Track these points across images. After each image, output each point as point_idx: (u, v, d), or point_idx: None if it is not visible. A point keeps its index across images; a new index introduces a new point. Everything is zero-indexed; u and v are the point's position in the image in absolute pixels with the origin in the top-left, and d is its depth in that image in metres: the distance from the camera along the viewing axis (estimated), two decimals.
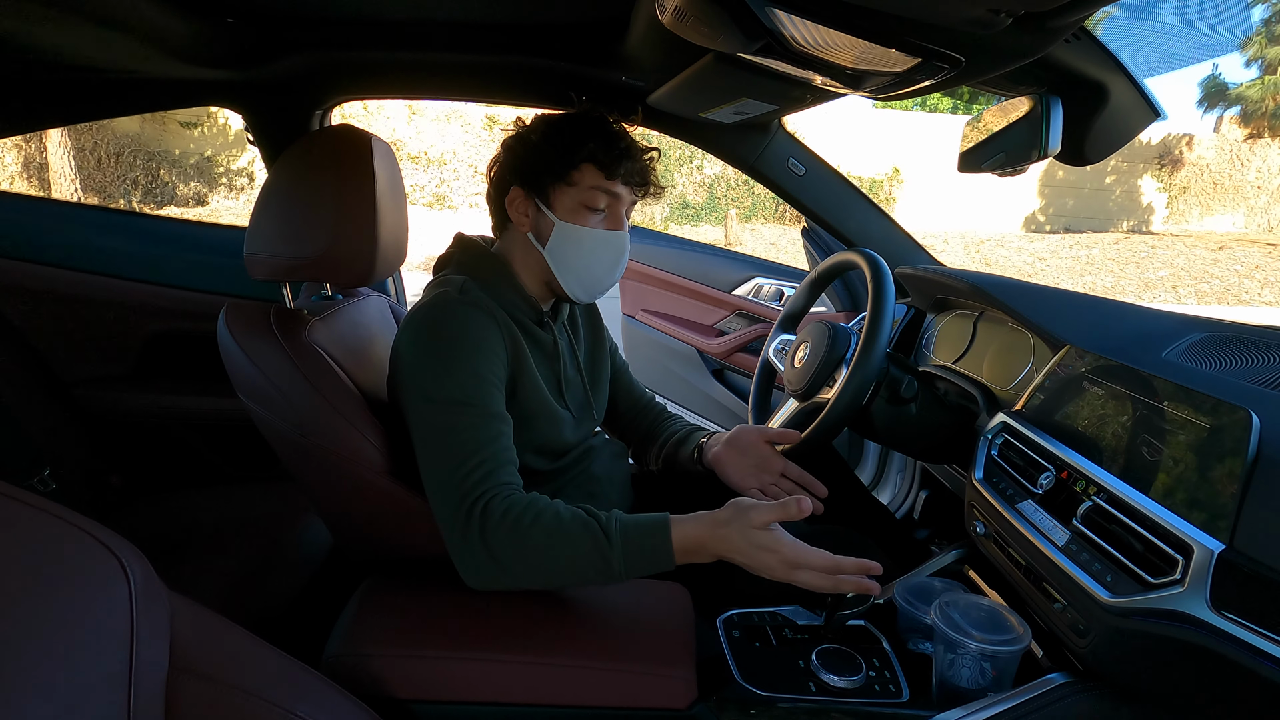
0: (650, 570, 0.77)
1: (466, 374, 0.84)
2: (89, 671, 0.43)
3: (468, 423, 0.82)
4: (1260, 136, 13.04)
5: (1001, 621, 0.78)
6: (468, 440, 0.81)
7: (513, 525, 0.76)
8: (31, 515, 0.46)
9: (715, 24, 0.71)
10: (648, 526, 0.77)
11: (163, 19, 1.00)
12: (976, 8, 0.57)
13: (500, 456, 0.82)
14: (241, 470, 1.57)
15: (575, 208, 0.93)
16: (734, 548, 0.76)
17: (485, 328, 0.88)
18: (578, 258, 0.95)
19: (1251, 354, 0.81)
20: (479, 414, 0.83)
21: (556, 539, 0.76)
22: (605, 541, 0.76)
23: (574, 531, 0.76)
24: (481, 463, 0.80)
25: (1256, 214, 12.92)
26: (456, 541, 0.78)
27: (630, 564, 0.76)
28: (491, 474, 0.80)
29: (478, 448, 0.81)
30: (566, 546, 0.76)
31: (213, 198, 10.02)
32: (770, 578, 0.76)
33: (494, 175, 0.99)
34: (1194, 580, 0.58)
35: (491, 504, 0.77)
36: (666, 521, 0.77)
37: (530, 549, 0.76)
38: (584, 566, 0.76)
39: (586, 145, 0.91)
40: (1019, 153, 0.97)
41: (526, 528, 0.76)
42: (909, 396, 1.03)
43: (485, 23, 1.18)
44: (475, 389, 0.84)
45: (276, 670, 0.58)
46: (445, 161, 10.39)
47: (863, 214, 1.52)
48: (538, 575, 0.78)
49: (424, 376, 0.84)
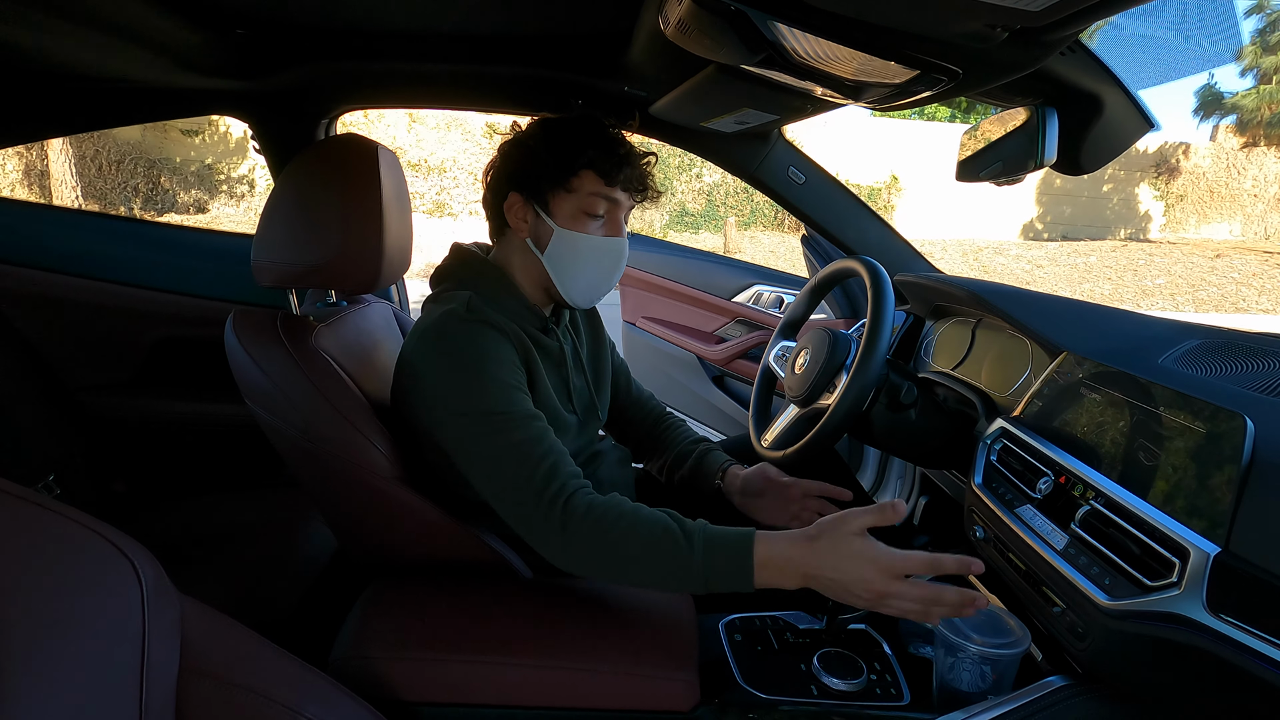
0: (730, 587, 0.74)
1: (493, 384, 0.84)
2: (101, 671, 0.44)
3: (512, 427, 0.83)
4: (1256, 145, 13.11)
5: (1001, 625, 0.79)
6: (520, 443, 0.82)
7: (596, 522, 0.77)
8: (45, 517, 0.46)
9: (718, 36, 0.72)
10: (733, 540, 0.75)
11: (172, 29, 1.02)
12: (974, 22, 0.58)
13: (557, 450, 0.83)
14: (246, 476, 1.57)
15: (574, 214, 0.94)
16: (826, 562, 0.71)
17: (498, 342, 0.88)
18: (577, 264, 0.95)
19: (1247, 360, 0.82)
20: (519, 419, 0.84)
21: (639, 542, 0.76)
22: (687, 549, 0.75)
23: (656, 535, 0.76)
24: (543, 459, 0.81)
25: (1253, 222, 12.98)
26: (542, 538, 0.79)
27: (710, 565, 0.74)
28: (557, 467, 0.81)
29: (533, 448, 0.82)
30: (649, 551, 0.76)
31: (213, 205, 10.04)
32: (859, 602, 0.71)
33: (491, 180, 0.99)
34: (1190, 583, 0.59)
35: (574, 499, 0.78)
36: (750, 538, 0.75)
37: (613, 548, 0.77)
38: (664, 572, 0.76)
39: (586, 152, 0.91)
40: (1016, 162, 0.98)
41: (609, 525, 0.77)
42: (909, 403, 1.04)
43: (490, 34, 1.19)
44: (506, 397, 0.84)
45: (285, 672, 0.59)
46: (445, 169, 10.42)
47: (862, 222, 1.53)
48: (620, 574, 0.79)
49: (451, 394, 0.84)
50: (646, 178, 0.97)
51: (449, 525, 0.89)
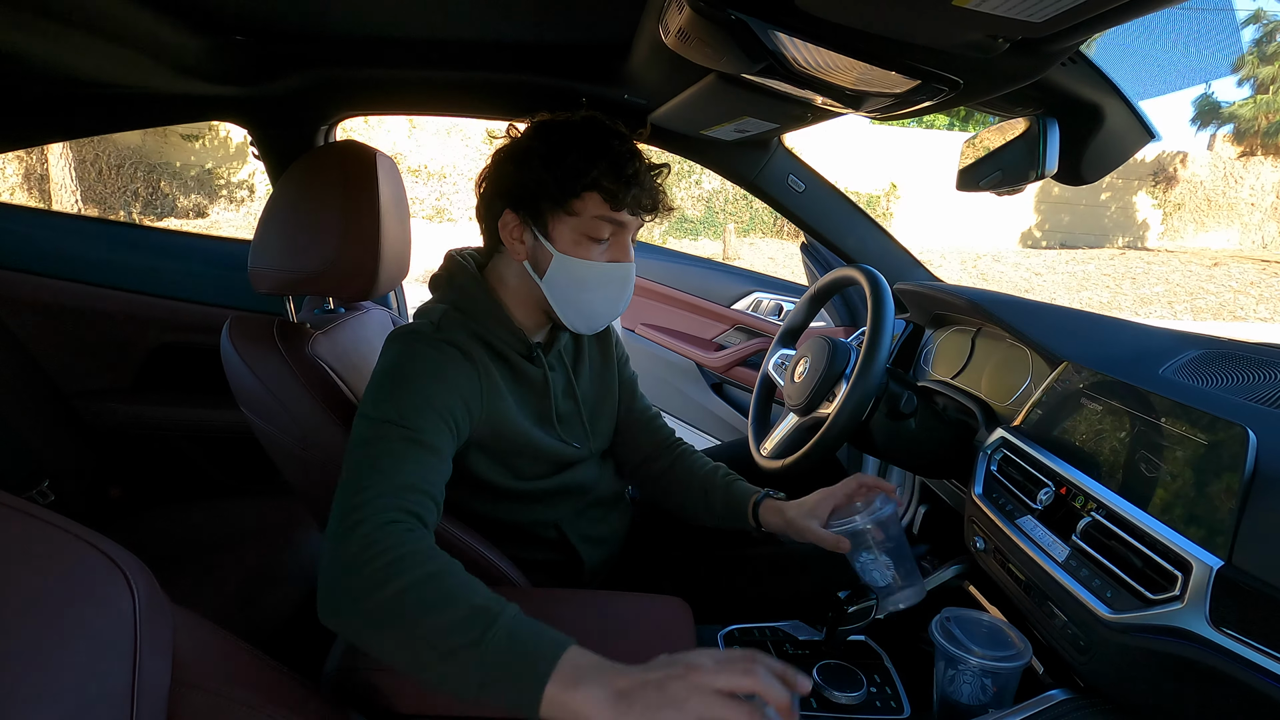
0: (512, 685, 0.57)
1: (414, 398, 0.76)
2: (93, 685, 0.43)
3: (389, 443, 0.73)
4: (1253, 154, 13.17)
5: (1002, 637, 0.78)
6: (381, 456, 0.71)
7: (384, 567, 0.62)
8: (37, 528, 0.46)
9: (718, 46, 0.72)
10: (544, 639, 0.60)
11: (173, 36, 1.02)
12: (976, 33, 0.58)
13: (410, 483, 0.71)
14: (241, 482, 1.57)
15: (577, 239, 0.85)
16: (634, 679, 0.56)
17: (453, 363, 0.82)
18: (579, 292, 0.87)
19: (1248, 371, 0.82)
20: (404, 436, 0.73)
21: (431, 604, 0.60)
22: (479, 635, 0.58)
23: (455, 601, 0.61)
24: (379, 483, 0.69)
25: (1250, 231, 13.02)
26: (324, 565, 0.65)
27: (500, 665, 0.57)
28: (382, 496, 0.68)
29: (384, 467, 0.70)
30: (437, 615, 0.60)
31: (213, 210, 10.05)
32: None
33: (484, 193, 0.90)
34: (1193, 596, 0.58)
35: (371, 535, 0.64)
36: (568, 641, 0.60)
37: (393, 600, 0.61)
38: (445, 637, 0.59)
39: (590, 173, 0.82)
40: (1016, 172, 0.98)
41: (396, 574, 0.62)
42: (908, 412, 1.04)
43: (490, 41, 1.19)
44: (415, 413, 0.75)
45: (278, 685, 0.58)
46: (445, 175, 10.45)
47: (861, 230, 1.53)
48: (387, 636, 0.61)
49: (371, 395, 0.78)
50: (658, 195, 0.88)
51: (443, 535, 0.89)
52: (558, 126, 0.87)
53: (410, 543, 0.65)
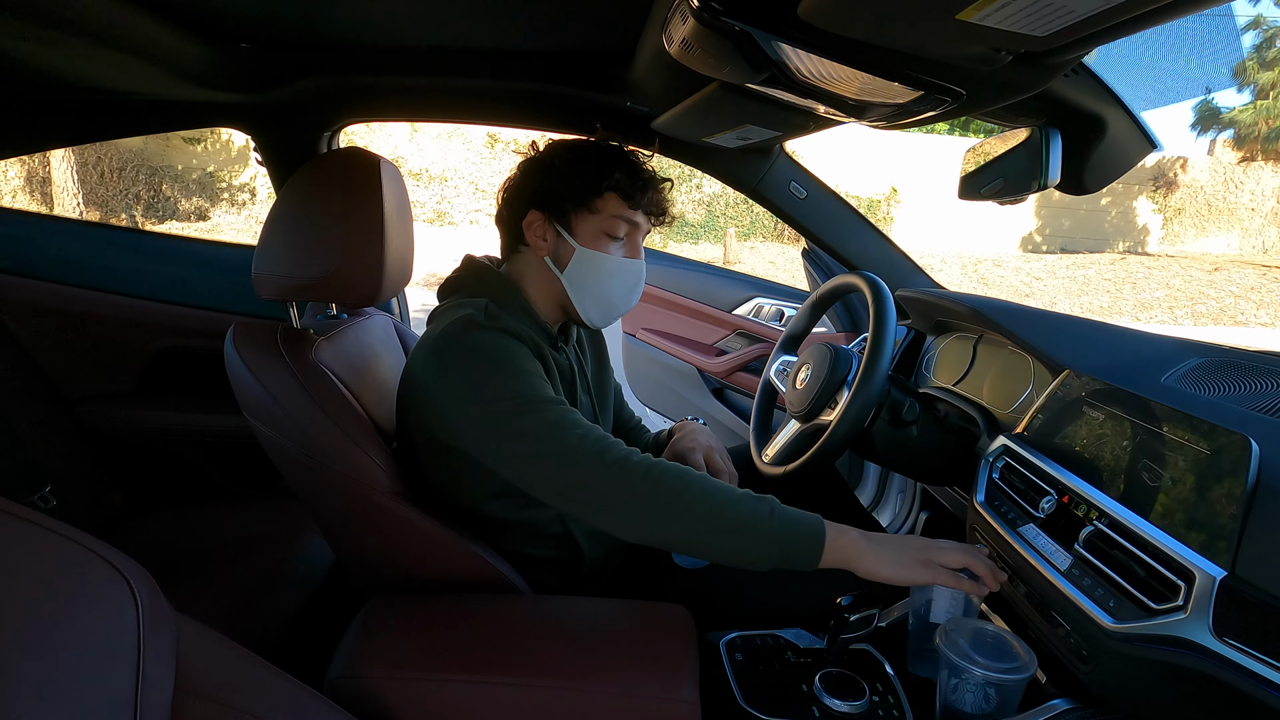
0: (803, 543, 0.79)
1: (521, 374, 0.84)
2: (96, 693, 0.43)
3: (543, 409, 0.82)
4: (1253, 159, 13.19)
5: (1007, 648, 0.78)
6: (559, 420, 0.81)
7: (676, 476, 0.78)
8: (40, 535, 0.46)
9: (722, 56, 0.72)
10: (801, 513, 0.81)
11: (178, 44, 1.02)
12: (979, 45, 0.58)
13: (596, 428, 0.83)
14: (243, 488, 1.57)
15: (597, 235, 0.94)
16: (878, 538, 0.81)
17: (517, 347, 0.88)
18: (597, 284, 0.96)
19: (1250, 380, 0.82)
20: (548, 401, 0.83)
21: (717, 495, 0.78)
22: (765, 503, 0.78)
23: (731, 491, 0.79)
24: (589, 430, 0.81)
25: (1251, 236, 13.03)
26: (616, 498, 0.78)
27: (787, 526, 0.78)
28: (607, 437, 0.81)
29: (574, 423, 0.81)
30: (729, 504, 0.78)
31: (215, 213, 10.08)
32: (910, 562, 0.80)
33: (508, 197, 0.99)
34: (1196, 606, 0.58)
35: (643, 459, 0.79)
36: (819, 518, 0.81)
37: (695, 500, 0.78)
38: (744, 525, 0.77)
39: (612, 175, 0.93)
40: (1019, 182, 0.98)
41: (687, 481, 0.78)
42: (910, 419, 1.04)
43: (493, 49, 1.20)
44: (532, 384, 0.84)
45: (281, 693, 0.58)
46: (446, 178, 10.47)
47: (863, 237, 1.53)
48: (698, 529, 0.78)
49: (476, 392, 0.83)
50: (666, 203, 0.99)
51: (447, 541, 0.89)
52: (579, 142, 0.98)
53: (659, 462, 0.81)
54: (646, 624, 0.87)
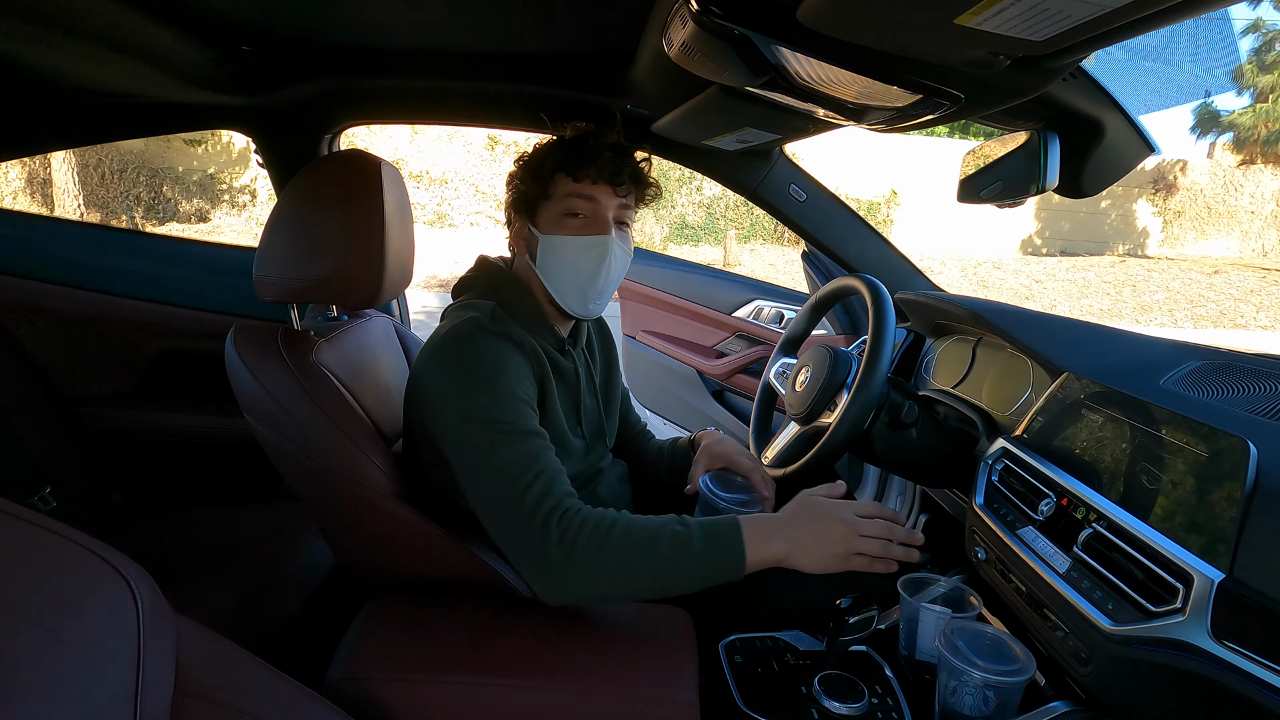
0: (727, 563, 0.78)
1: (503, 394, 0.85)
2: (96, 693, 0.43)
3: (511, 440, 0.82)
4: (1253, 162, 13.21)
5: (1006, 651, 0.78)
6: (519, 457, 0.81)
7: (592, 531, 0.77)
8: (41, 537, 0.46)
9: (721, 59, 0.73)
10: (722, 522, 0.81)
11: (180, 47, 1.02)
12: (977, 50, 0.59)
13: (554, 468, 0.83)
14: (243, 489, 1.57)
15: (556, 218, 0.95)
16: (801, 517, 0.81)
17: (514, 356, 0.89)
18: (561, 266, 0.96)
19: (1248, 383, 0.82)
20: (521, 433, 0.83)
21: (639, 541, 0.77)
22: (685, 535, 0.78)
23: (655, 529, 0.78)
24: (539, 476, 0.81)
25: (1250, 238, 13.04)
26: (533, 558, 0.78)
27: (710, 552, 0.77)
28: (552, 486, 0.81)
29: (530, 463, 0.81)
30: (649, 546, 0.77)
31: (215, 214, 10.08)
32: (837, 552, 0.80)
33: (506, 215, 1.03)
34: (1195, 609, 0.59)
35: (566, 515, 0.78)
36: (736, 520, 0.81)
37: (615, 553, 0.77)
38: (665, 565, 0.77)
39: (555, 154, 0.95)
40: (1017, 185, 0.98)
41: (606, 533, 0.77)
42: (909, 421, 1.04)
43: (493, 52, 1.20)
44: (513, 409, 0.84)
45: (280, 694, 0.58)
46: (447, 180, 10.48)
47: (862, 239, 1.54)
48: (620, 579, 0.78)
49: (461, 400, 0.84)
50: (622, 169, 0.95)
51: (447, 543, 0.89)
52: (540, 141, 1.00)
53: (585, 510, 0.80)
54: (646, 626, 0.87)
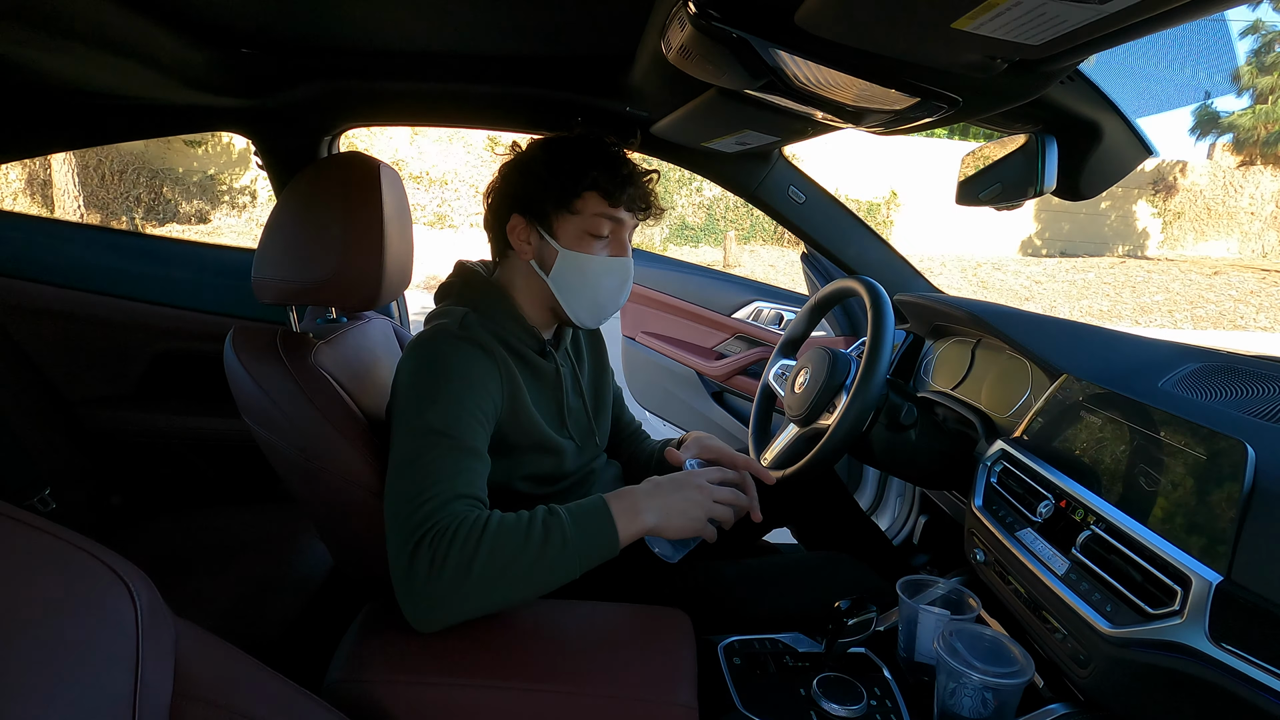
0: (601, 541, 0.77)
1: (449, 405, 0.82)
2: (94, 696, 0.43)
3: (438, 453, 0.79)
4: (1253, 164, 13.22)
5: (1005, 653, 0.78)
6: (433, 469, 0.78)
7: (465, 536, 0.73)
8: (38, 539, 0.46)
9: (720, 62, 0.73)
10: (587, 503, 0.80)
11: (180, 50, 1.03)
12: (975, 53, 0.59)
13: (460, 489, 0.79)
14: (242, 491, 1.57)
15: (579, 235, 0.93)
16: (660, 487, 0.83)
17: (478, 362, 0.87)
18: (583, 285, 0.95)
19: (1247, 385, 0.82)
20: (451, 446, 0.80)
21: (512, 535, 0.75)
22: (557, 522, 0.76)
23: (526, 521, 0.76)
24: (439, 493, 0.77)
25: (1250, 240, 13.05)
26: (400, 578, 0.74)
27: (582, 533, 0.76)
28: (446, 504, 0.76)
29: (440, 477, 0.78)
30: (523, 538, 0.75)
31: (215, 215, 10.09)
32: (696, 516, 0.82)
33: (492, 202, 0.99)
34: (1193, 611, 0.59)
35: (437, 531, 0.74)
36: (602, 498, 0.81)
37: (489, 555, 0.73)
38: (543, 554, 0.75)
39: (589, 173, 0.91)
40: (1015, 188, 0.99)
41: (471, 538, 0.73)
42: (909, 423, 1.04)
43: (493, 54, 1.20)
44: (455, 420, 0.81)
45: (279, 696, 0.58)
46: (447, 182, 10.49)
47: (861, 241, 1.54)
48: (499, 579, 0.74)
49: (410, 406, 0.83)
50: (650, 196, 0.96)
51: None
52: (558, 140, 0.96)
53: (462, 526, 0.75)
54: (644, 628, 0.87)
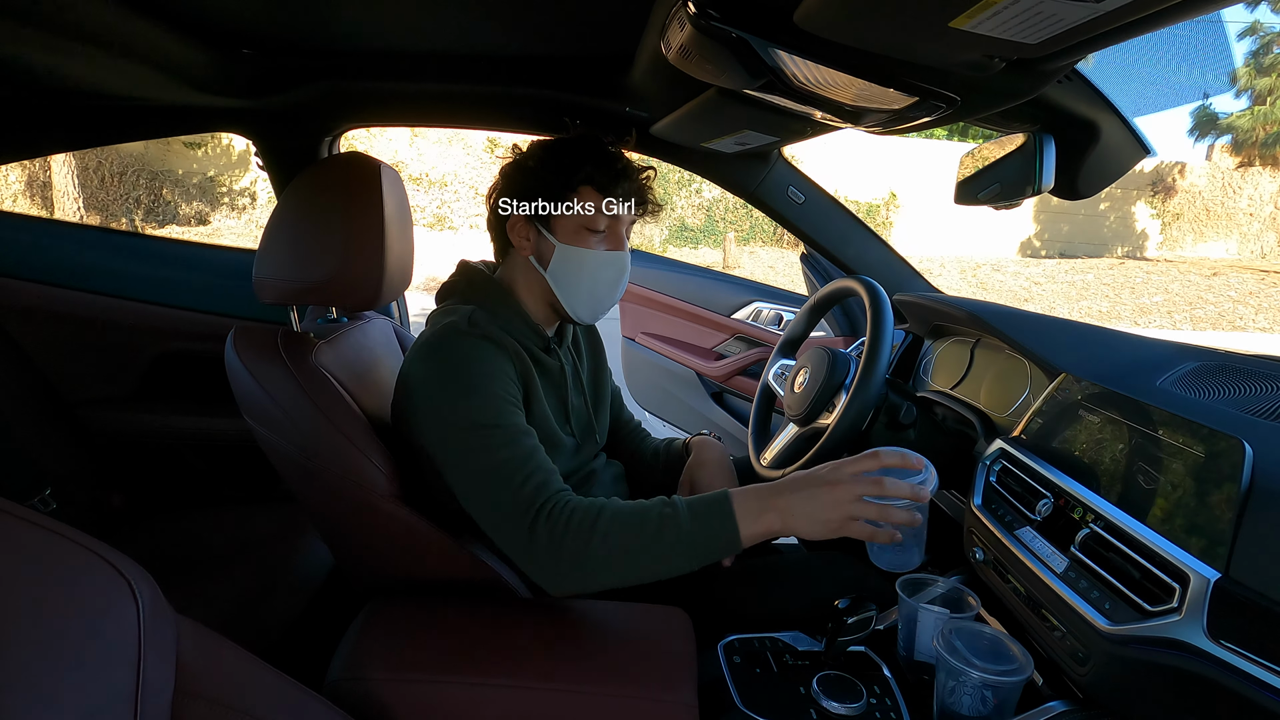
0: (720, 539, 0.77)
1: (486, 396, 0.85)
2: (97, 693, 0.44)
3: (501, 442, 0.83)
4: (1251, 165, 13.22)
5: (1004, 651, 0.78)
6: (508, 459, 0.82)
7: (579, 523, 0.78)
8: (41, 537, 0.46)
9: (719, 62, 0.73)
10: (709, 497, 0.80)
11: (181, 50, 1.03)
12: (973, 52, 0.59)
13: (545, 466, 0.84)
14: (243, 491, 1.57)
15: (576, 230, 0.95)
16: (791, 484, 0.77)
17: (495, 355, 0.89)
18: (580, 279, 0.97)
19: (1244, 383, 0.83)
20: (509, 433, 0.84)
21: (626, 527, 0.78)
22: (673, 515, 0.78)
23: (641, 513, 0.79)
24: (530, 476, 0.82)
25: (1249, 241, 13.06)
26: (528, 556, 0.80)
27: (700, 529, 0.77)
28: (544, 484, 0.82)
29: (521, 463, 0.82)
30: (637, 530, 0.78)
31: (215, 217, 10.09)
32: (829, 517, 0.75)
33: (493, 202, 1.01)
34: (1191, 609, 0.59)
35: (555, 510, 0.79)
36: (726, 494, 0.79)
37: (602, 542, 0.77)
38: (656, 547, 0.77)
39: (584, 168, 0.93)
40: (1014, 187, 0.99)
41: (593, 523, 0.78)
42: (908, 422, 1.05)
43: (493, 55, 1.21)
44: (498, 410, 0.85)
45: (280, 694, 0.59)
46: (446, 183, 10.49)
47: (861, 241, 1.54)
48: (614, 566, 0.78)
49: (443, 405, 0.85)
50: (645, 191, 0.98)
51: (447, 544, 0.89)
52: (553, 140, 0.99)
53: (573, 503, 0.80)
54: (645, 626, 0.87)
